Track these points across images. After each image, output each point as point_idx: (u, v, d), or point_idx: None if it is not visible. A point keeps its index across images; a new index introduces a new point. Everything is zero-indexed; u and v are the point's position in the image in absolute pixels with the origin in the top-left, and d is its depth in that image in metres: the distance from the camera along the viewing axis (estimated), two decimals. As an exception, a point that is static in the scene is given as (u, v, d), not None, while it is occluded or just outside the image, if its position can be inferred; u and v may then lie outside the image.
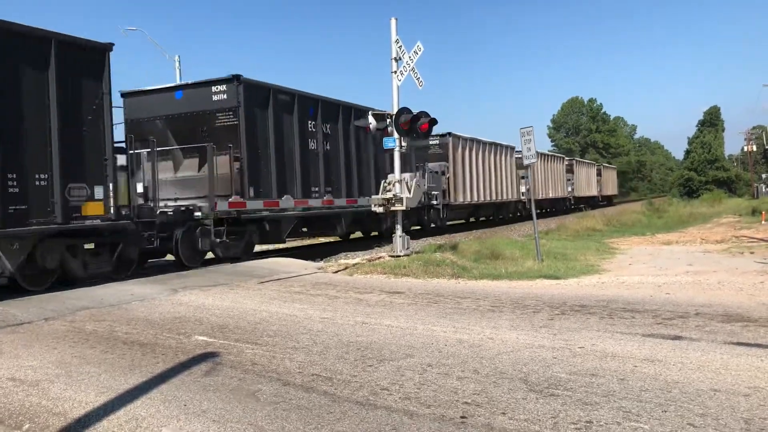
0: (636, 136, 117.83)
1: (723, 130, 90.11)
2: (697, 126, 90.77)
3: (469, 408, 4.49)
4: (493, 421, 4.24)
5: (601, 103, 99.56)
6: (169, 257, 14.95)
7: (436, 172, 27.20)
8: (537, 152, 30.53)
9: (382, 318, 7.84)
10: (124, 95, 16.46)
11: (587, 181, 57.04)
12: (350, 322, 7.59)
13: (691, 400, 4.50)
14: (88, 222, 11.03)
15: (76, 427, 4.32)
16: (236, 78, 15.03)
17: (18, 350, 6.44)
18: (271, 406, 4.62)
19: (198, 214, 14.16)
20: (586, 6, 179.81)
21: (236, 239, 15.32)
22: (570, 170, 50.24)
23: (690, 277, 11.02)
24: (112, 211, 11.40)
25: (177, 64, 42.71)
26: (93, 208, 11.06)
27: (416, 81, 14.94)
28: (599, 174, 62.66)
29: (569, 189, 49.36)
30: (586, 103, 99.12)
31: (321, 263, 14.55)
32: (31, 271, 10.52)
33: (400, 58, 14.79)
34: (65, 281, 11.07)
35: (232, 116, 15.27)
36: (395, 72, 14.81)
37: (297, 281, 11.44)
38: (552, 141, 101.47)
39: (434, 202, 25.94)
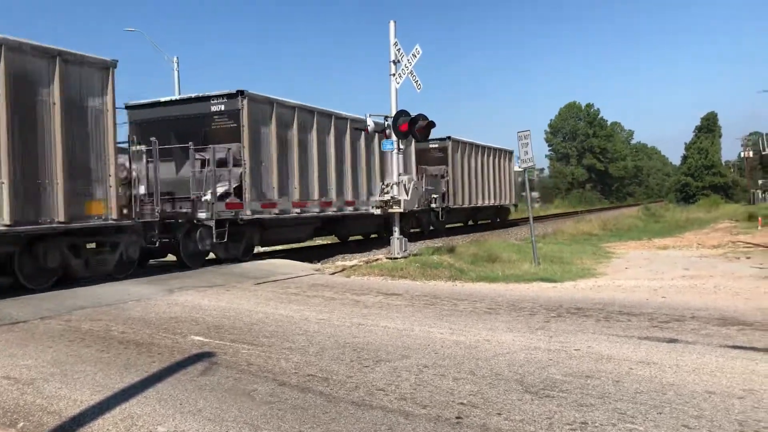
0: (633, 142, 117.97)
1: (720, 136, 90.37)
2: (694, 132, 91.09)
3: (465, 408, 4.50)
4: (489, 421, 4.24)
5: (598, 109, 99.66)
6: (170, 257, 15.02)
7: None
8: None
9: (379, 319, 7.84)
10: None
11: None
12: (347, 324, 7.59)
13: (686, 402, 4.51)
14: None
15: (70, 425, 4.31)
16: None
17: (13, 349, 6.42)
18: (267, 405, 4.62)
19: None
20: (583, 11, 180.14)
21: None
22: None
23: (686, 281, 11.05)
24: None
25: (175, 65, 42.80)
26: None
27: (415, 84, 14.97)
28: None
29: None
30: (583, 108, 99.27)
31: (318, 265, 14.55)
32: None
33: (398, 61, 14.81)
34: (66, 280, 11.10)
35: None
36: (394, 75, 14.84)
37: (294, 282, 11.44)
38: (549, 145, 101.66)
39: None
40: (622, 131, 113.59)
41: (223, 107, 15.87)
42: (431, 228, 26.61)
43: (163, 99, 16.82)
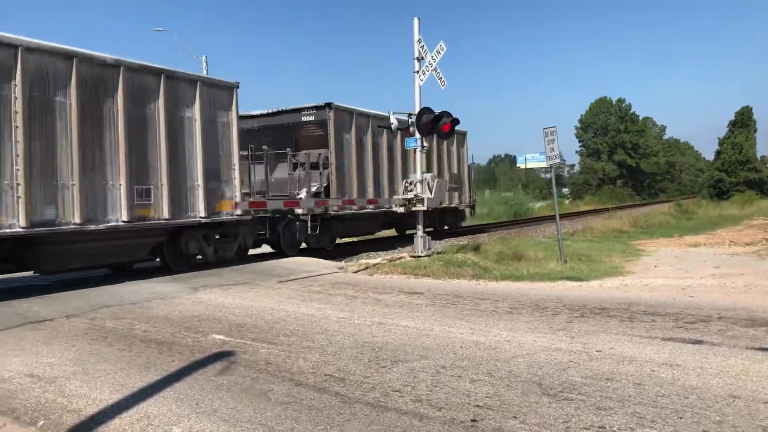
0: (665, 137, 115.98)
1: (755, 131, 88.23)
2: (728, 126, 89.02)
3: (480, 411, 4.44)
4: (504, 424, 4.19)
5: (629, 104, 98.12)
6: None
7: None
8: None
9: (399, 319, 7.81)
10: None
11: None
12: (367, 323, 7.57)
13: (708, 407, 4.40)
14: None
15: (88, 424, 4.36)
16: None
17: (39, 347, 6.53)
18: (282, 406, 4.62)
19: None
20: (614, 5, 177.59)
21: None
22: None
23: (715, 280, 10.82)
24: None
25: (204, 64, 43.26)
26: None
27: (439, 81, 14.88)
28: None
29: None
30: (614, 103, 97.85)
31: (342, 263, 14.55)
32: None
33: (422, 58, 14.75)
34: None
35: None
36: (417, 72, 14.78)
37: (317, 281, 11.46)
38: (580, 141, 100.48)
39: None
40: (654, 126, 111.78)
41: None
42: (293, 247, 16.93)
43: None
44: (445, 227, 25.34)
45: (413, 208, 14.66)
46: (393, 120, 14.99)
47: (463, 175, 25.77)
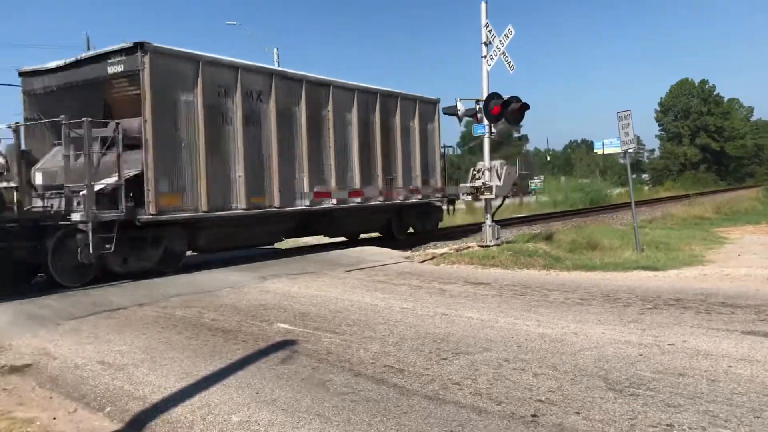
0: (753, 119, 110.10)
1: None
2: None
3: (541, 406, 4.31)
4: (566, 420, 4.04)
5: (713, 85, 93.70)
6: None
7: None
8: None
9: (464, 309, 7.69)
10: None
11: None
12: (430, 313, 7.49)
13: (789, 407, 4.12)
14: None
15: (152, 411, 4.47)
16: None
17: (111, 335, 6.77)
18: (340, 397, 4.61)
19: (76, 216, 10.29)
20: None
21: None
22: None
23: (804, 270, 10.17)
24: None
25: (276, 56, 44.08)
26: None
27: (507, 65, 14.53)
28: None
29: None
30: (697, 84, 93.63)
31: (408, 252, 14.50)
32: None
33: (490, 43, 14.44)
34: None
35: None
36: (485, 57, 14.48)
37: (382, 270, 11.45)
38: (660, 125, 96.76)
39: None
40: (740, 108, 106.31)
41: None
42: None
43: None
44: (410, 230, 18.76)
45: (481, 197, 14.43)
46: (460, 107, 14.77)
47: (433, 159, 19.15)
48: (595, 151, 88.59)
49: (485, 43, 14.48)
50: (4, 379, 5.47)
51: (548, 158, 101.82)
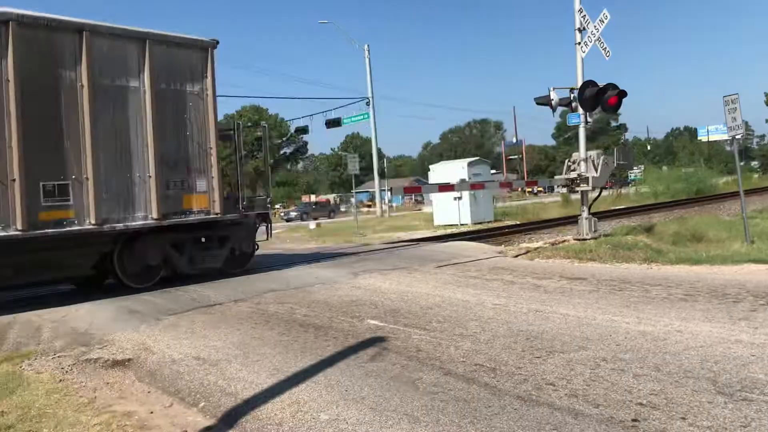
0: None
1: None
2: None
3: (643, 410, 4.05)
4: (670, 426, 3.77)
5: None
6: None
7: None
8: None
9: (559, 306, 7.41)
10: None
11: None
12: (523, 310, 7.26)
13: None
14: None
15: (243, 408, 4.53)
16: None
17: (207, 330, 6.96)
18: (429, 396, 4.52)
19: None
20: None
21: None
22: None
23: None
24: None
25: (366, 53, 44.44)
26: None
27: (602, 51, 13.95)
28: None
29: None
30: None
31: (501, 247, 14.24)
32: None
33: (584, 29, 13.92)
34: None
35: None
36: (579, 43, 13.97)
37: (474, 266, 11.25)
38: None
39: None
40: None
41: None
42: None
43: None
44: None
45: (577, 188, 13.94)
46: (554, 96, 14.30)
47: (198, 147, 10.74)
48: (699, 138, 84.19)
49: (579, 29, 13.98)
50: (107, 373, 5.72)
51: (648, 147, 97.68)
